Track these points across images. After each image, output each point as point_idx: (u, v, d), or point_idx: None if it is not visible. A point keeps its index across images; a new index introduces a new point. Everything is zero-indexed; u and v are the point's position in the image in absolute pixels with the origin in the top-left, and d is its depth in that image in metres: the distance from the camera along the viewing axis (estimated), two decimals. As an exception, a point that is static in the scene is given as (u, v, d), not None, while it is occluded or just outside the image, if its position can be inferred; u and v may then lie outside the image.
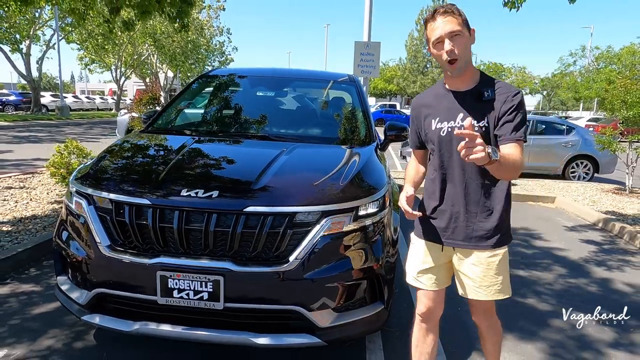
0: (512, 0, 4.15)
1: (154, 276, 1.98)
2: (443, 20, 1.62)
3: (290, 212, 2.04)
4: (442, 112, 1.75)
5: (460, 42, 1.62)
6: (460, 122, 1.69)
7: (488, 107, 1.67)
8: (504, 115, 1.64)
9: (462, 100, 1.71)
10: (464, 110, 1.70)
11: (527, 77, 51.56)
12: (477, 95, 1.69)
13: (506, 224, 1.80)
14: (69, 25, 23.84)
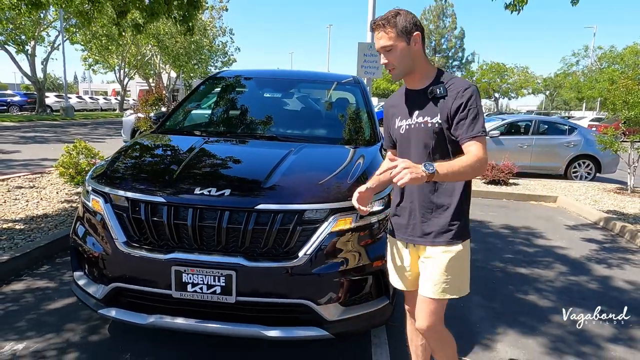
0: (514, 2, 4.22)
1: (169, 271, 2.07)
2: (377, 36, 1.71)
3: (300, 210, 2.12)
4: (402, 111, 1.82)
5: (394, 54, 1.69)
6: (416, 119, 1.75)
7: (440, 104, 1.70)
8: (457, 112, 1.66)
9: (417, 99, 1.77)
10: (418, 108, 1.75)
11: (530, 77, 51.51)
12: (431, 92, 1.72)
13: (462, 221, 1.76)
14: (73, 26, 23.98)
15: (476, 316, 3.05)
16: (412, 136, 1.77)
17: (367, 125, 3.39)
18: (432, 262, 1.76)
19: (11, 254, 3.39)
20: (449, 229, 1.75)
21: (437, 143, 1.73)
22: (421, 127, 1.74)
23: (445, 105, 1.69)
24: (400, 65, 1.71)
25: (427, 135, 1.73)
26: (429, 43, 57.29)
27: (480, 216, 5.97)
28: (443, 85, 1.71)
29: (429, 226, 1.76)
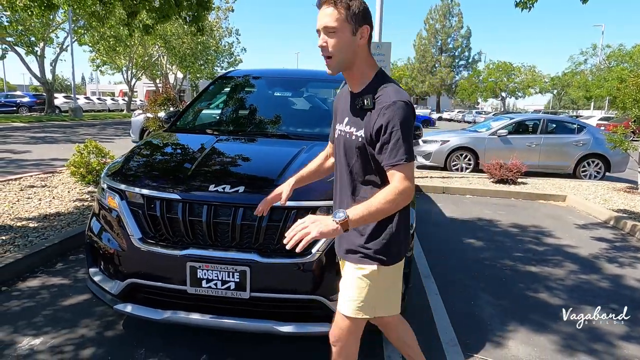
0: (524, 0, 4.21)
1: (184, 267, 2.10)
2: (324, 11, 1.44)
3: (312, 206, 2.15)
4: (339, 112, 1.65)
5: (336, 40, 1.44)
6: (344, 127, 1.58)
7: (367, 117, 1.48)
8: (379, 133, 1.44)
9: (350, 104, 1.57)
10: (349, 115, 1.56)
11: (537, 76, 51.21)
12: (359, 101, 1.51)
13: (381, 244, 1.57)
14: (81, 27, 24.23)
15: (487, 313, 3.05)
16: (340, 144, 1.60)
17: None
18: (346, 277, 1.64)
19: (26, 251, 3.44)
20: (359, 250, 1.58)
21: (358, 159, 1.53)
22: (347, 137, 1.55)
23: (369, 121, 1.47)
24: (339, 55, 1.45)
25: (352, 148, 1.54)
26: (435, 42, 57.19)
27: (488, 215, 5.96)
28: (372, 96, 1.47)
29: (348, 241, 1.62)
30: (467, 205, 6.59)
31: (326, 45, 1.45)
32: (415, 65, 59.07)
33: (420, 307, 3.08)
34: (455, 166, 9.64)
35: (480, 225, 5.41)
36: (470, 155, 9.59)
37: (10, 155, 9.58)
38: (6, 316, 2.72)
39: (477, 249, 4.50)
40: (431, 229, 5.11)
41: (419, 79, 58.17)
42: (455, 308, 3.10)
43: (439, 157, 9.63)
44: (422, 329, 2.80)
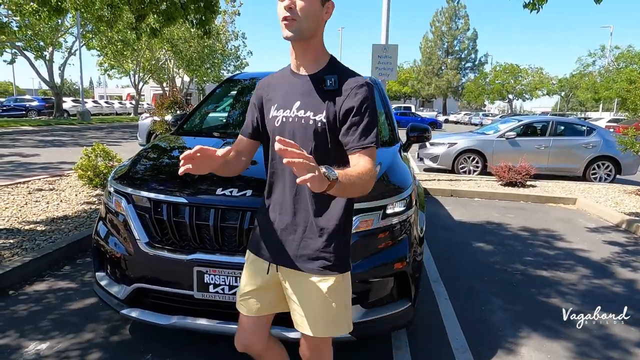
0: (533, 1, 4.16)
1: (191, 272, 2.07)
2: None
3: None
4: (280, 98, 1.45)
5: (307, 4, 1.32)
6: (296, 112, 1.40)
7: (329, 99, 1.38)
8: (348, 114, 1.36)
9: (302, 86, 1.42)
10: (302, 99, 1.40)
11: (544, 77, 50.87)
12: (319, 81, 1.39)
13: (342, 246, 1.46)
14: (89, 32, 24.46)
15: (498, 319, 3.00)
16: (287, 132, 1.40)
17: (386, 126, 3.37)
18: (309, 292, 1.45)
19: (33, 255, 3.44)
20: (324, 254, 1.43)
21: (317, 146, 1.38)
22: (301, 122, 1.39)
23: (334, 103, 1.37)
24: (305, 22, 1.33)
25: (307, 134, 1.38)
26: (441, 45, 57.04)
27: (497, 218, 5.89)
28: (335, 77, 1.39)
29: (301, 247, 1.43)
30: (476, 208, 6.52)
31: (294, 6, 1.31)
32: (422, 68, 58.92)
33: (430, 312, 3.03)
34: (463, 169, 9.57)
35: (489, 229, 5.34)
36: (478, 157, 9.51)
37: (19, 159, 9.66)
38: (13, 320, 2.71)
39: (486, 252, 4.44)
40: (440, 232, 5.05)
41: (425, 82, 58.02)
42: (465, 313, 3.04)
43: (447, 159, 9.56)
44: (432, 334, 2.76)
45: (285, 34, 1.34)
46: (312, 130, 1.38)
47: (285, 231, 1.46)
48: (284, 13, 1.33)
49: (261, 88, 1.55)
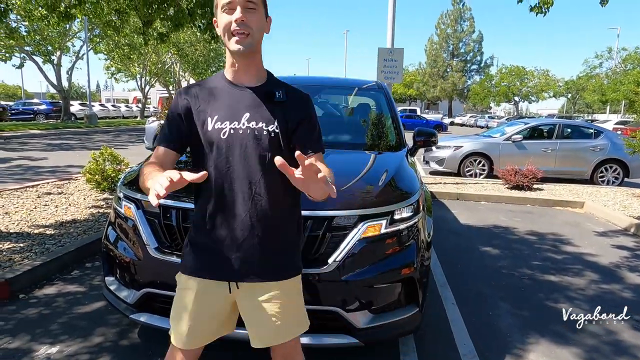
0: (539, 4, 4.15)
1: (199, 277, 2.08)
2: None
3: (329, 216, 2.12)
4: (221, 110, 1.42)
5: (257, 17, 1.37)
6: (247, 124, 1.40)
7: (279, 110, 1.43)
8: (301, 123, 1.45)
9: (249, 98, 1.43)
10: (250, 110, 1.42)
11: (551, 80, 50.60)
12: (268, 94, 1.44)
13: (298, 245, 1.55)
14: (97, 36, 24.68)
15: (506, 324, 2.98)
16: (237, 143, 1.39)
17: (393, 130, 3.38)
18: (278, 300, 1.44)
19: (43, 258, 3.48)
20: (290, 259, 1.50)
21: (273, 155, 1.31)
22: (254, 134, 1.40)
23: (284, 114, 1.44)
24: (256, 35, 1.37)
25: (262, 145, 1.40)
26: (446, 47, 56.97)
27: (504, 222, 5.87)
28: (284, 90, 1.46)
29: (267, 259, 1.43)
30: (482, 211, 6.50)
31: (245, 20, 1.34)
32: (427, 70, 58.85)
33: (437, 317, 3.02)
34: (469, 172, 9.54)
35: (496, 233, 5.32)
36: (484, 160, 9.48)
37: (27, 162, 9.75)
38: (23, 324, 2.74)
39: (494, 257, 4.42)
40: (446, 236, 5.04)
41: (430, 84, 57.92)
42: (473, 318, 3.03)
43: (453, 162, 9.53)
44: (439, 340, 2.75)
45: (236, 47, 1.35)
46: (267, 140, 1.40)
47: (244, 245, 1.41)
48: (234, 27, 1.34)
49: (187, 98, 1.46)
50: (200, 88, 1.48)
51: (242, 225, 1.40)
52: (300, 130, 1.46)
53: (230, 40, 1.36)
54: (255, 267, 1.43)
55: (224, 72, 1.48)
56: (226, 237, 1.41)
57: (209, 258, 1.44)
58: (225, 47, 1.41)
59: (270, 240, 1.44)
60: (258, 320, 1.46)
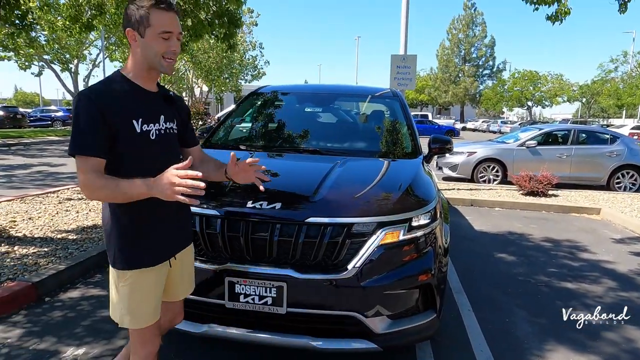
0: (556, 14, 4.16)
1: (222, 282, 2.15)
2: (176, 18, 1.56)
3: (348, 223, 2.16)
4: (144, 112, 1.56)
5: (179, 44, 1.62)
6: (165, 125, 1.64)
7: (175, 111, 1.73)
8: (186, 120, 1.82)
9: (157, 102, 1.65)
10: (163, 112, 1.65)
11: (565, 84, 50.00)
12: (167, 98, 1.70)
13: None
14: (112, 44, 25.18)
15: (523, 331, 2.98)
16: (162, 143, 1.61)
17: (408, 137, 3.42)
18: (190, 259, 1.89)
19: (67, 263, 3.58)
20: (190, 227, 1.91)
21: (176, 150, 1.76)
22: (172, 132, 1.69)
23: (177, 113, 1.75)
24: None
25: (174, 142, 1.72)
26: (458, 52, 56.79)
27: (519, 228, 5.84)
28: (171, 94, 1.77)
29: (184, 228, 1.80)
30: (497, 218, 6.47)
31: (177, 50, 1.57)
32: (439, 75, 58.69)
33: (454, 323, 3.03)
34: (483, 178, 9.50)
35: (511, 239, 5.30)
36: (498, 166, 9.43)
37: (47, 169, 9.98)
38: (50, 326, 2.83)
39: (509, 263, 4.41)
40: (461, 242, 5.03)
41: (442, 89, 57.73)
42: (489, 325, 3.04)
43: (466, 168, 9.50)
44: (456, 346, 2.77)
45: (168, 70, 1.57)
46: (175, 137, 1.73)
47: (174, 226, 1.72)
48: (171, 55, 1.55)
49: (103, 102, 1.48)
50: (112, 91, 1.54)
51: (170, 210, 1.63)
52: (187, 128, 1.84)
53: (161, 62, 1.55)
54: (182, 238, 1.78)
55: (127, 77, 1.58)
56: (165, 223, 1.67)
57: (159, 246, 1.66)
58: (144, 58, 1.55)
59: (185, 216, 1.78)
60: (179, 279, 1.81)
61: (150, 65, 1.56)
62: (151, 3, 1.50)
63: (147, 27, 1.51)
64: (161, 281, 1.69)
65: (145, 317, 1.65)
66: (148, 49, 1.52)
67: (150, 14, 1.50)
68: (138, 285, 1.61)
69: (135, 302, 1.62)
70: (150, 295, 1.65)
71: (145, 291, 1.63)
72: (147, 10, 1.50)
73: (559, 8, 4.36)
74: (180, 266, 1.78)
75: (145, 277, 1.62)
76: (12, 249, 3.85)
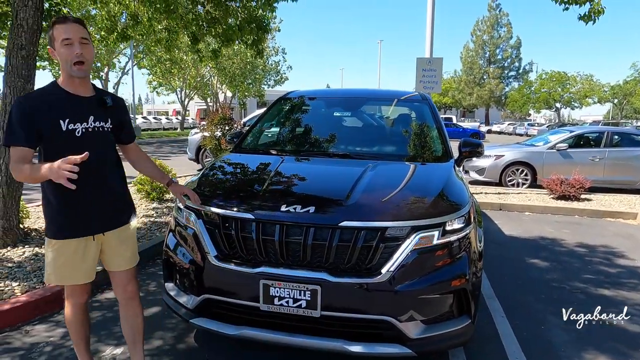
0: (588, 13, 4.05)
1: (257, 284, 2.17)
2: (71, 27, 1.86)
3: (382, 227, 2.16)
4: (70, 114, 1.90)
5: (90, 50, 1.90)
6: (93, 124, 1.96)
7: (110, 113, 2.04)
8: (124, 120, 2.16)
9: (89, 105, 1.97)
10: (93, 113, 1.97)
11: (595, 85, 48.45)
12: (101, 102, 2.01)
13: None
14: (140, 52, 25.94)
15: (559, 339, 2.90)
16: (88, 139, 1.93)
17: (438, 141, 3.39)
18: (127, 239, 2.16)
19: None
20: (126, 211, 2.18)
21: (111, 144, 2.08)
22: (101, 131, 1.99)
23: (113, 114, 2.06)
24: (90, 63, 1.93)
25: (106, 138, 2.03)
26: (482, 54, 55.86)
27: (551, 233, 5.69)
28: (111, 97, 2.07)
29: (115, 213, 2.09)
30: (527, 222, 6.33)
31: (82, 53, 1.86)
32: (463, 78, 57.86)
33: (487, 330, 2.98)
34: (511, 181, 9.30)
35: (543, 244, 5.17)
36: (527, 170, 9.22)
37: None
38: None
39: (542, 269, 4.30)
40: (491, 247, 4.94)
41: (466, 91, 56.87)
42: (524, 332, 2.97)
43: (494, 172, 9.33)
44: (490, 353, 2.72)
45: (78, 74, 1.89)
46: (108, 135, 2.03)
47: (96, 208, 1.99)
48: (76, 58, 1.85)
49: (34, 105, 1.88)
50: (42, 98, 1.92)
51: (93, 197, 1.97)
52: (126, 126, 2.17)
53: (72, 68, 1.87)
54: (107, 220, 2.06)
55: (60, 85, 1.94)
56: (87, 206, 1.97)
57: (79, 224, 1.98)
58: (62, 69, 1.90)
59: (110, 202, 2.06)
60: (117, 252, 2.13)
61: (68, 73, 1.90)
62: (53, 21, 1.89)
63: (54, 41, 1.87)
64: (82, 252, 2.01)
65: (66, 277, 2.04)
66: (60, 59, 1.88)
67: (53, 30, 1.87)
68: (60, 252, 1.99)
69: (58, 264, 2.00)
70: (69, 260, 1.99)
71: (66, 257, 1.99)
72: (51, 28, 1.88)
73: (592, 7, 4.24)
74: (113, 243, 2.10)
75: (67, 246, 1.98)
76: (52, 251, 4.00)
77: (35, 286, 3.26)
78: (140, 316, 2.29)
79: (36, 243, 4.15)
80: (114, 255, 2.13)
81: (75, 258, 2.00)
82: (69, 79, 1.93)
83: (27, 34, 3.81)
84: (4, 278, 3.37)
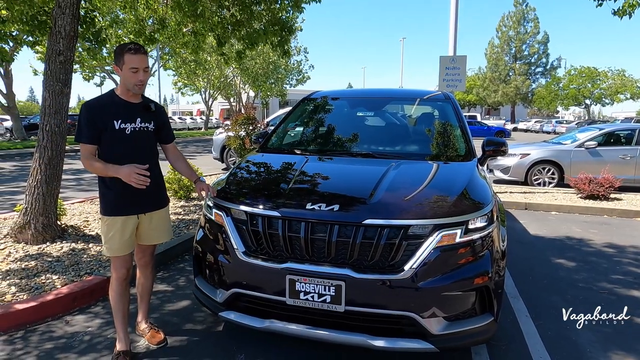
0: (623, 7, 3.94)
1: (283, 279, 2.26)
2: (143, 58, 2.36)
3: (405, 225, 2.21)
4: (122, 116, 2.39)
5: (147, 75, 2.43)
6: (139, 124, 2.45)
7: (154, 116, 2.54)
8: (164, 123, 2.63)
9: (137, 109, 2.46)
10: (140, 115, 2.46)
11: (627, 80, 46.69)
12: (146, 107, 2.51)
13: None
14: (166, 54, 26.49)
15: (585, 339, 2.88)
16: (135, 136, 2.43)
17: (462, 140, 3.40)
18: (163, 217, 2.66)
19: (135, 260, 3.85)
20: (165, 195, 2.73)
21: (154, 142, 2.58)
22: (145, 130, 2.48)
23: (156, 117, 2.55)
24: (145, 84, 2.43)
25: (149, 136, 2.51)
26: (508, 50, 54.64)
27: (578, 233, 5.58)
28: (154, 104, 2.56)
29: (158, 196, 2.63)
30: (553, 222, 6.22)
31: (144, 79, 2.39)
32: (487, 74, 56.76)
33: (511, 329, 2.98)
34: (537, 180, 9.13)
35: (570, 245, 5.09)
36: (554, 169, 9.03)
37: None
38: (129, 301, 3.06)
39: (568, 269, 4.25)
40: (515, 247, 4.90)
41: (491, 89, 55.77)
42: (549, 332, 2.96)
43: (519, 171, 9.18)
44: (514, 352, 2.73)
45: (136, 91, 2.42)
46: (150, 134, 2.52)
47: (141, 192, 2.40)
48: (139, 83, 2.38)
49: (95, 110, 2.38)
50: (102, 103, 2.42)
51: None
52: (163, 127, 2.64)
53: (133, 87, 2.39)
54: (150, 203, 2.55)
55: (116, 93, 2.45)
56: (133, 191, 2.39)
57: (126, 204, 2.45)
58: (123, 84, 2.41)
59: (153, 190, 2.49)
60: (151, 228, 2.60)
61: (126, 88, 2.41)
62: (127, 48, 2.34)
63: (123, 64, 2.34)
64: (128, 227, 2.47)
65: (114, 250, 2.47)
66: (124, 78, 2.38)
67: (124, 56, 2.33)
68: (111, 227, 2.45)
69: (108, 237, 2.46)
70: (117, 234, 2.45)
71: (115, 231, 2.45)
72: (123, 53, 2.34)
73: (626, 1, 4.12)
74: (149, 221, 2.57)
75: (115, 221, 2.44)
76: (87, 246, 4.20)
77: (74, 279, 3.44)
78: (150, 280, 2.79)
79: (72, 239, 4.36)
80: (151, 230, 2.59)
81: (123, 231, 2.45)
82: (126, 92, 2.43)
83: (65, 40, 4.02)
84: (45, 272, 3.57)
